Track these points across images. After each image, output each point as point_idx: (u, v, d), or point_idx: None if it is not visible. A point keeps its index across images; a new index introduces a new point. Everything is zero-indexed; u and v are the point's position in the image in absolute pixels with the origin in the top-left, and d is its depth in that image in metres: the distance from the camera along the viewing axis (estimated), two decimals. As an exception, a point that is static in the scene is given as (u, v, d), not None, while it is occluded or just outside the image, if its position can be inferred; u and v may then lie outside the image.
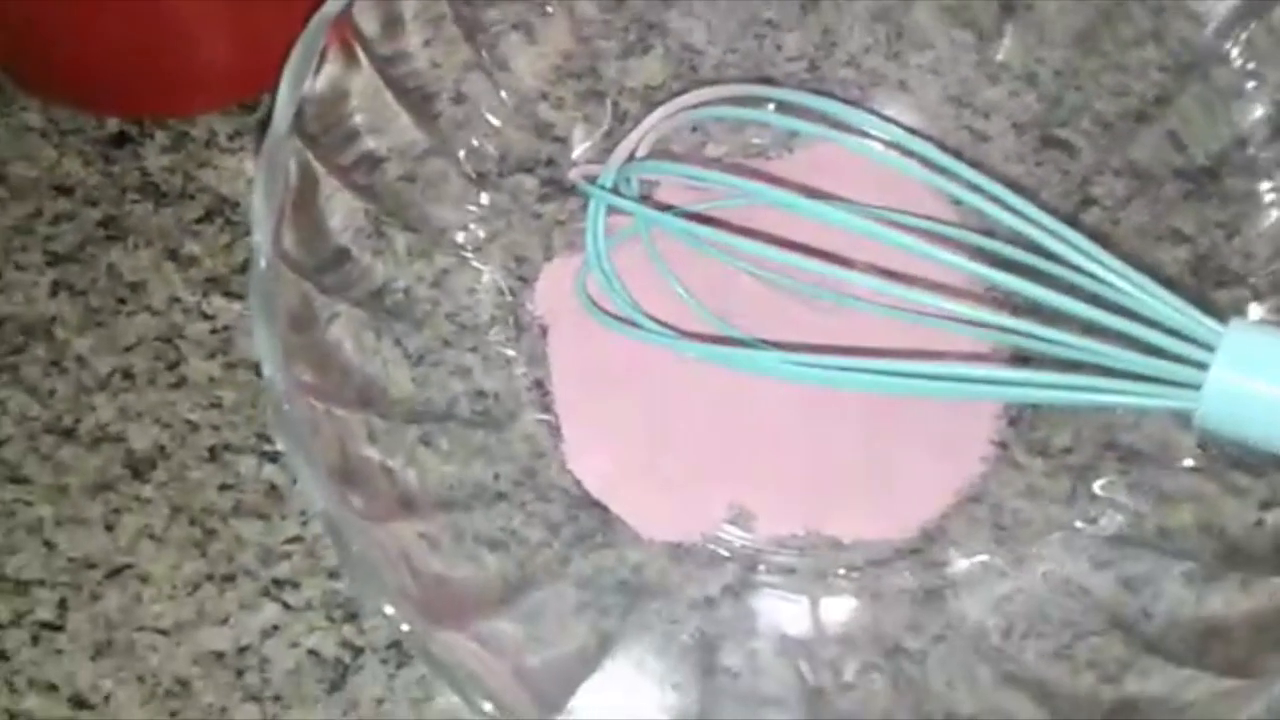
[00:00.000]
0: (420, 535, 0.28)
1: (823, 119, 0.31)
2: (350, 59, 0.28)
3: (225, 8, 0.33)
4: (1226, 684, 0.25)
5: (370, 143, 0.31)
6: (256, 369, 0.27)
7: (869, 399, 0.30)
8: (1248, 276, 0.30)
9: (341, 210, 0.30)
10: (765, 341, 0.32)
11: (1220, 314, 0.26)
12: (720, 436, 0.32)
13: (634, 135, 0.31)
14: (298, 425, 0.24)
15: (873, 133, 0.31)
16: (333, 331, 0.29)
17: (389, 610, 0.23)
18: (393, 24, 0.30)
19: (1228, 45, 0.31)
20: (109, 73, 0.35)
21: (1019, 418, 0.32)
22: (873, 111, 0.33)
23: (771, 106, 0.33)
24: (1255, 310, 0.29)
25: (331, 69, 0.27)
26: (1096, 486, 0.31)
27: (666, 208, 0.33)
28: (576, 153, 0.33)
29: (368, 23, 0.29)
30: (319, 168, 0.28)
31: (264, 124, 0.28)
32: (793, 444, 0.31)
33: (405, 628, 0.23)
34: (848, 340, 0.31)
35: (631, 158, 0.31)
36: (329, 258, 0.30)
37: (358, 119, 0.30)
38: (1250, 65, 0.30)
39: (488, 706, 0.23)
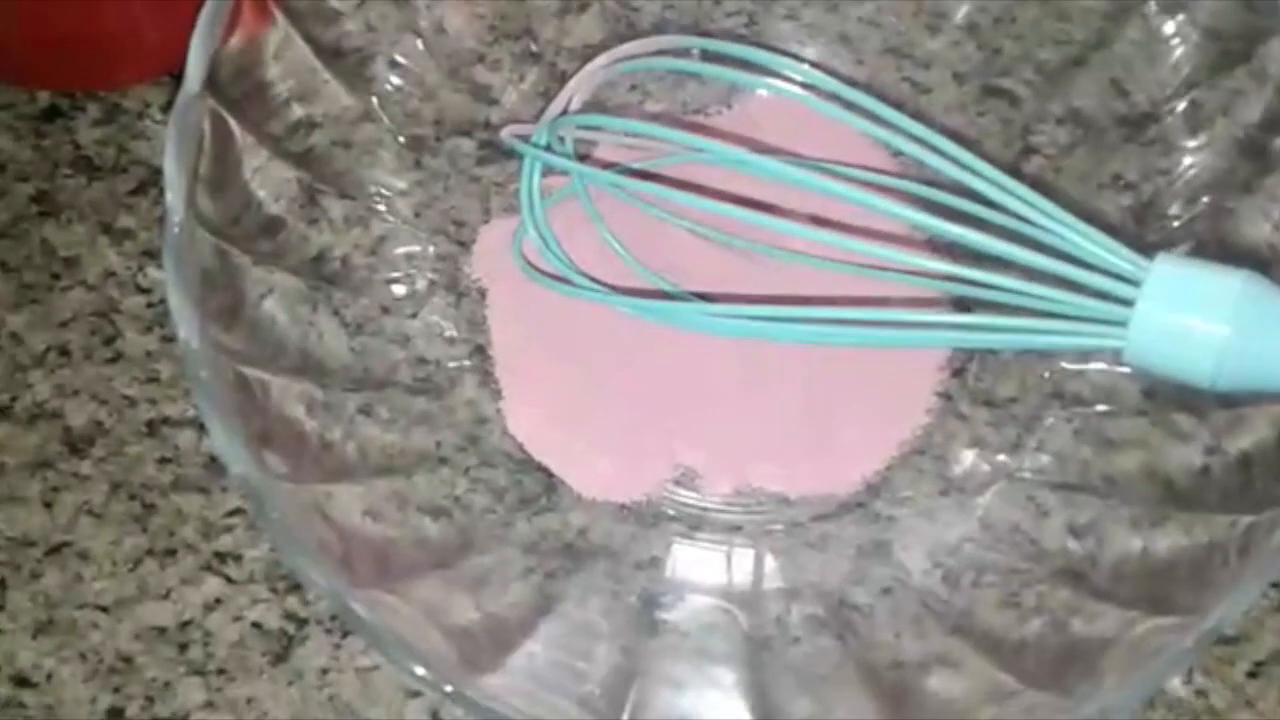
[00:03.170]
0: (359, 503, 0.28)
1: (760, 71, 0.30)
2: (267, 19, 0.27)
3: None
4: (1168, 621, 0.25)
5: (300, 109, 0.30)
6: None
7: (810, 354, 0.30)
8: (1181, 220, 0.30)
9: (273, 178, 0.30)
10: (706, 297, 0.31)
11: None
12: (662, 396, 0.31)
13: (566, 90, 0.31)
14: (214, 389, 0.23)
15: (810, 83, 0.30)
16: (267, 301, 0.29)
17: (313, 575, 0.23)
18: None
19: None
20: (38, 47, 0.34)
21: (963, 369, 0.32)
22: (810, 62, 0.33)
23: (696, 54, 0.32)
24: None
25: (248, 30, 0.27)
26: (1041, 435, 0.31)
27: (605, 166, 0.32)
28: (504, 113, 0.33)
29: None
30: (242, 133, 0.28)
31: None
32: (734, 401, 0.31)
33: (327, 592, 0.22)
34: (791, 294, 0.31)
35: (565, 115, 0.31)
36: (261, 226, 0.29)
37: (284, 85, 0.29)
38: (1178, 10, 0.30)
39: (418, 669, 0.23)
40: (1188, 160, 0.31)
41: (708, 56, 0.32)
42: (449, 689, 0.22)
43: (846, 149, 0.32)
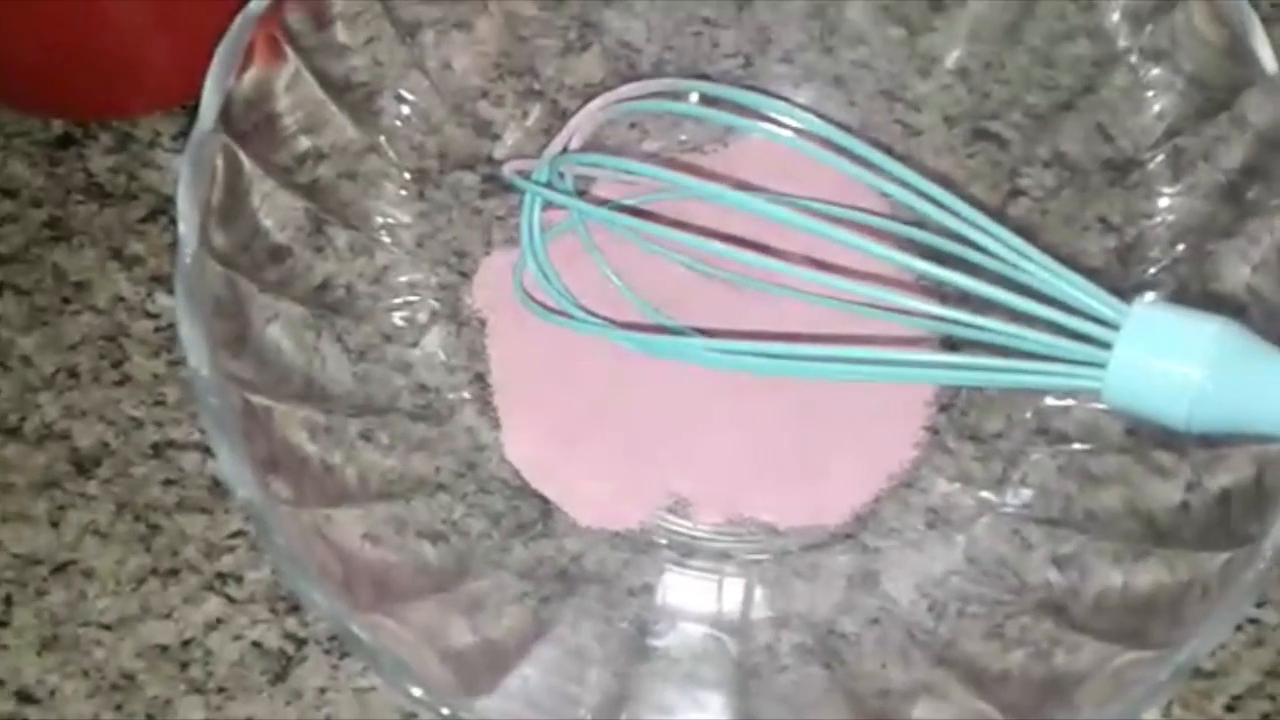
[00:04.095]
0: (359, 526, 0.29)
1: (755, 114, 0.31)
2: (279, 56, 0.28)
3: (163, 9, 0.34)
4: (1144, 655, 0.26)
5: (307, 141, 0.31)
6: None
7: (802, 387, 0.31)
8: (1162, 263, 0.31)
9: (281, 208, 0.30)
10: (700, 331, 0.32)
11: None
12: (657, 426, 0.32)
13: (567, 129, 0.32)
14: (222, 415, 0.24)
15: (802, 127, 0.31)
16: (272, 328, 0.30)
17: (315, 598, 0.23)
18: (324, 22, 0.30)
19: (1142, 38, 0.31)
20: (51, 75, 0.35)
21: (950, 404, 0.33)
22: (804, 107, 0.34)
23: (695, 98, 0.33)
24: (1150, 297, 0.30)
25: (261, 66, 0.27)
26: (1026, 470, 0.31)
27: (603, 202, 0.33)
28: (507, 149, 0.34)
29: (298, 21, 0.29)
30: (252, 165, 0.28)
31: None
32: (728, 432, 0.32)
33: (328, 614, 0.23)
34: (783, 329, 0.31)
35: (565, 152, 0.32)
36: (268, 255, 0.30)
37: (292, 117, 0.30)
38: (1162, 58, 0.31)
39: (415, 691, 0.23)
40: (1170, 204, 0.32)
41: (705, 99, 0.32)
42: (446, 711, 0.23)
43: (838, 189, 0.33)
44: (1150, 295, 0.30)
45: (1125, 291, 0.27)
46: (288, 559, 0.23)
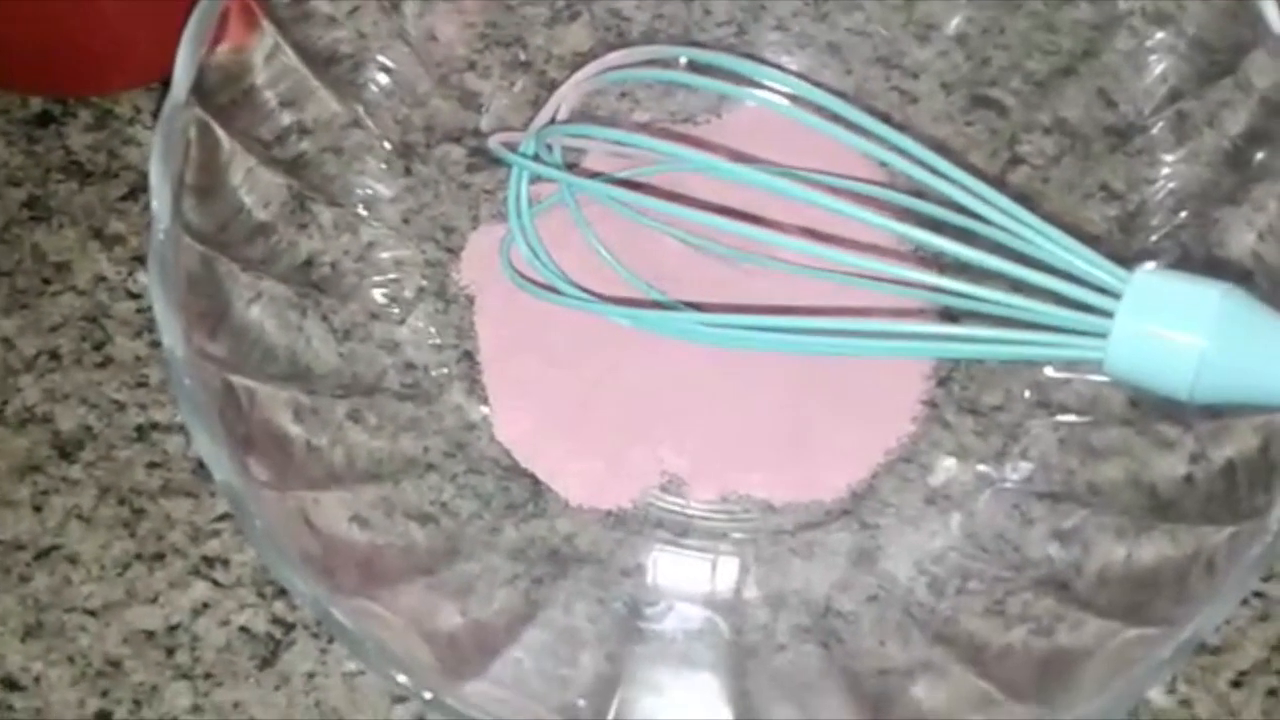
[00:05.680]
0: (346, 509, 0.28)
1: (747, 81, 0.30)
2: (254, 28, 0.27)
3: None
4: (1148, 632, 0.25)
5: (288, 116, 0.30)
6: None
7: (796, 362, 0.31)
8: (1166, 230, 0.30)
9: (262, 185, 0.30)
10: (695, 306, 0.31)
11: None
12: (650, 403, 0.31)
13: (554, 100, 0.31)
14: (197, 396, 0.24)
15: (798, 94, 0.31)
16: (255, 308, 0.29)
17: (296, 582, 0.23)
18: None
19: (1144, 0, 0.30)
20: (29, 52, 0.34)
21: (949, 378, 0.32)
22: (797, 74, 0.33)
23: (684, 62, 0.32)
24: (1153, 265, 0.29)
25: (235, 38, 0.27)
26: (1026, 443, 0.31)
27: (593, 175, 0.32)
28: (494, 121, 0.33)
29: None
30: (230, 140, 0.28)
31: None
32: (722, 408, 0.31)
33: (308, 598, 0.22)
34: (779, 303, 0.31)
35: (553, 123, 0.31)
36: (250, 232, 0.29)
37: (272, 91, 0.29)
38: (1165, 22, 0.30)
39: (399, 676, 0.23)
40: (1173, 170, 0.31)
41: (697, 67, 0.32)
42: (429, 696, 0.23)
43: (835, 159, 0.32)
44: (1153, 263, 0.30)
45: (1128, 260, 0.27)
46: (267, 543, 0.23)
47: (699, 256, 0.32)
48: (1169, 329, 0.23)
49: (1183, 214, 0.31)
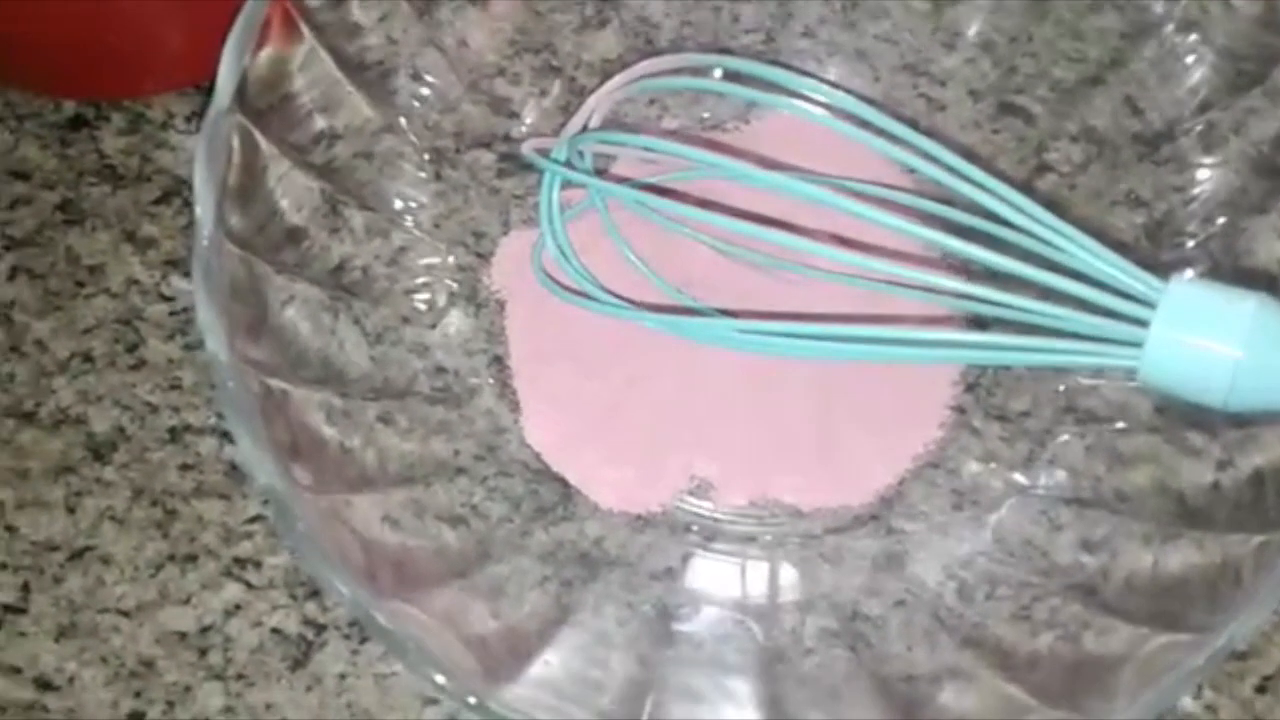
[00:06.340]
0: (378, 511, 0.28)
1: (777, 89, 0.31)
2: (295, 34, 0.28)
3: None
4: (1180, 638, 0.25)
5: (323, 121, 0.31)
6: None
7: (826, 367, 0.31)
8: (1195, 239, 0.30)
9: (296, 189, 0.30)
10: (723, 312, 0.32)
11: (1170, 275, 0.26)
12: (679, 408, 0.32)
13: (586, 107, 0.31)
14: (241, 400, 0.24)
15: (827, 102, 0.31)
16: (289, 311, 0.29)
17: (336, 584, 0.23)
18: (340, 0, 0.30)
19: (1173, 9, 0.31)
20: (64, 56, 0.35)
21: (977, 383, 0.32)
22: (828, 81, 0.33)
23: (718, 74, 0.32)
24: (1190, 273, 0.29)
25: (277, 45, 0.27)
26: (1054, 450, 0.31)
27: (623, 181, 0.32)
28: (526, 126, 0.33)
29: (314, -1, 0.29)
30: (268, 145, 0.28)
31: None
32: (751, 413, 0.31)
33: (350, 601, 0.23)
34: (807, 310, 0.31)
35: (585, 131, 0.31)
36: (283, 236, 0.30)
37: (308, 96, 0.30)
38: (1194, 30, 0.30)
39: (439, 678, 0.23)
40: (1202, 179, 0.31)
41: (727, 75, 0.32)
42: (472, 700, 0.23)
43: (863, 166, 0.32)
44: (1187, 273, 0.30)
45: (1156, 268, 0.27)
46: (309, 546, 0.23)
47: (728, 263, 0.32)
48: (1205, 339, 0.23)
49: (1211, 222, 0.31)
